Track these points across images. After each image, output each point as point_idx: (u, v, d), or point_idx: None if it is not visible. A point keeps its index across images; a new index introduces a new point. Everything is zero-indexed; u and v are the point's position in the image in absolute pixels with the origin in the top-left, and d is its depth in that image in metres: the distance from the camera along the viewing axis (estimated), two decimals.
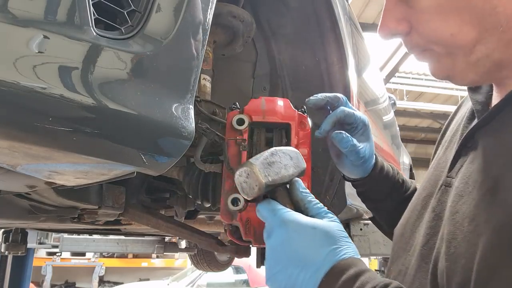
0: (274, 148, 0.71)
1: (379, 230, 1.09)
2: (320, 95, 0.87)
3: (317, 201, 0.67)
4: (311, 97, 0.87)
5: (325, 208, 0.66)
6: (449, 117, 0.81)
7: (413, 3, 0.58)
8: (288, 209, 0.65)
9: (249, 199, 0.69)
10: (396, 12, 0.60)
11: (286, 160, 0.69)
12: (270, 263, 0.62)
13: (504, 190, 0.51)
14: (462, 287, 0.50)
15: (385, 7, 0.61)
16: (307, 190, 0.69)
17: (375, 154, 0.94)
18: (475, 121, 0.63)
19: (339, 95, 0.89)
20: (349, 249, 0.60)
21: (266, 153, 0.69)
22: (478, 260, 0.49)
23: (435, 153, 0.80)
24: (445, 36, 0.56)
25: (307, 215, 0.65)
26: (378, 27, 0.62)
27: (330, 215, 0.65)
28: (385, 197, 0.96)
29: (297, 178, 0.70)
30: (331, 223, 0.63)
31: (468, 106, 0.70)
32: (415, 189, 0.94)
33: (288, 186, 0.70)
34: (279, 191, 0.69)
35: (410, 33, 0.60)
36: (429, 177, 0.72)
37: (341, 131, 0.84)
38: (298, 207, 0.68)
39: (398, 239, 0.74)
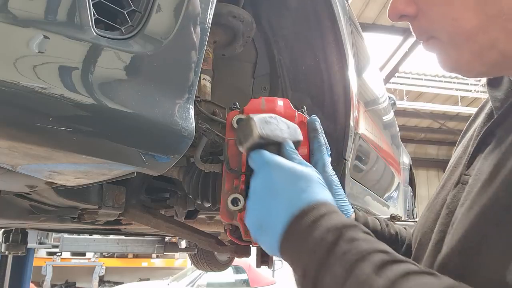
0: (276, 114, 0.75)
1: None
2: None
3: (302, 159, 0.70)
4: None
5: (310, 165, 0.69)
6: (472, 116, 0.79)
7: None
8: (274, 154, 0.68)
9: (243, 150, 0.72)
10: None
11: (282, 126, 0.73)
12: (251, 197, 0.65)
13: (500, 175, 0.51)
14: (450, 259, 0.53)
15: None
16: (296, 151, 0.71)
17: (356, 209, 0.87)
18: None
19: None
20: (326, 193, 0.62)
21: (266, 114, 0.73)
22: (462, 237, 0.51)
23: (454, 152, 0.78)
24: (447, 20, 0.56)
25: None
26: (388, 8, 0.62)
27: (314, 169, 0.67)
28: None
29: (287, 140, 0.73)
30: (312, 171, 0.65)
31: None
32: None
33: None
34: (270, 148, 0.71)
35: (418, 17, 0.60)
36: (447, 175, 0.71)
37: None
38: None
39: (418, 239, 0.72)
